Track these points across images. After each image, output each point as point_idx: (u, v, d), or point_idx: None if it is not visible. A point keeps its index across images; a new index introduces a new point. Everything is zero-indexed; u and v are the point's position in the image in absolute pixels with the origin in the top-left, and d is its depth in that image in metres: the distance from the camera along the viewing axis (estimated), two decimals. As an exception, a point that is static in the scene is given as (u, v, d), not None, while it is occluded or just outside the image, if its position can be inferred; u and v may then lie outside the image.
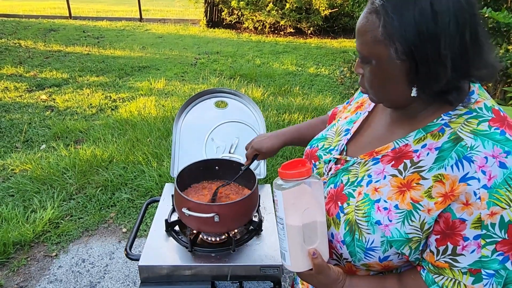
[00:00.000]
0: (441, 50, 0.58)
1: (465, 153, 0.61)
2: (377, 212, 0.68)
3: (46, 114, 4.10)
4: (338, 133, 0.88)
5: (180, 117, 1.57)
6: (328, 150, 0.86)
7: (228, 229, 1.15)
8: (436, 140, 0.66)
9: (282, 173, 0.71)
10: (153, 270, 1.10)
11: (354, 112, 0.89)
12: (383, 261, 0.69)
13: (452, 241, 0.62)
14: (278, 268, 1.11)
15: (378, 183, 0.70)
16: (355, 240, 0.70)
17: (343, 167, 0.79)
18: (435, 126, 0.67)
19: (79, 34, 8.33)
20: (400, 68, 0.62)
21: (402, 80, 0.63)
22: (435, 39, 0.57)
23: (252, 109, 1.61)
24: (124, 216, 2.59)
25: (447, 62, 0.58)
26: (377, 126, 0.80)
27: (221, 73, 5.85)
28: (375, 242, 0.67)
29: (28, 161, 3.09)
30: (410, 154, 0.68)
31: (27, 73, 5.39)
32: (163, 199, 1.43)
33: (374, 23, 0.61)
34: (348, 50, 7.82)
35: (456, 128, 0.64)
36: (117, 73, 5.67)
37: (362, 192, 0.71)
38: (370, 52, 0.64)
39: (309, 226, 0.70)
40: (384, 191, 0.68)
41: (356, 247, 0.70)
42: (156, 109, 4.23)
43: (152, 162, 3.09)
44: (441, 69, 0.59)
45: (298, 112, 4.23)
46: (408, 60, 0.60)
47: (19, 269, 2.12)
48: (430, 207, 0.62)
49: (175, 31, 9.47)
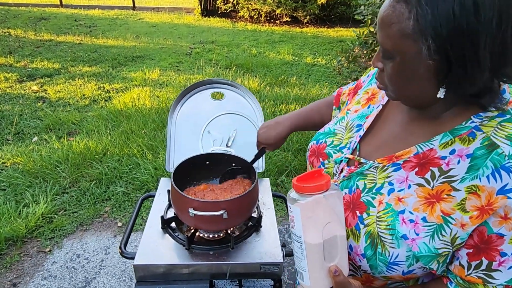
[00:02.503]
0: (480, 49, 0.51)
1: (503, 163, 0.55)
2: (402, 225, 0.62)
3: (38, 106, 4.00)
4: (349, 129, 0.81)
5: (175, 109, 1.51)
6: (339, 147, 0.80)
7: (233, 225, 1.11)
8: (466, 146, 0.59)
9: (299, 186, 0.64)
10: (149, 269, 1.06)
11: (365, 105, 0.82)
12: (406, 274, 0.65)
13: (488, 257, 0.58)
14: (279, 266, 1.07)
15: (402, 192, 0.64)
16: (377, 254, 0.65)
17: (357, 171, 0.73)
18: (464, 129, 0.61)
19: (71, 23, 8.13)
20: (430, 67, 0.55)
21: (430, 80, 0.57)
22: (475, 37, 0.50)
23: (249, 100, 1.55)
24: (119, 210, 2.55)
25: (485, 63, 0.52)
26: (393, 124, 0.74)
27: (216, 63, 5.75)
28: (400, 256, 0.62)
29: (19, 154, 3.01)
30: (437, 161, 0.62)
31: (18, 63, 5.25)
32: (159, 194, 1.38)
33: (403, 14, 0.54)
34: (345, 40, 7.73)
35: (489, 132, 0.58)
36: (110, 63, 5.55)
37: (384, 201, 0.65)
38: (395, 46, 0.57)
39: (330, 242, 0.65)
40: (409, 201, 0.63)
41: (378, 261, 0.65)
42: (150, 100, 4.15)
43: (147, 155, 3.03)
44: (478, 71, 0.53)
45: (295, 102, 4.17)
46: (441, 60, 0.53)
47: (12, 265, 2.07)
48: (465, 222, 0.57)
49: (169, 20, 9.29)
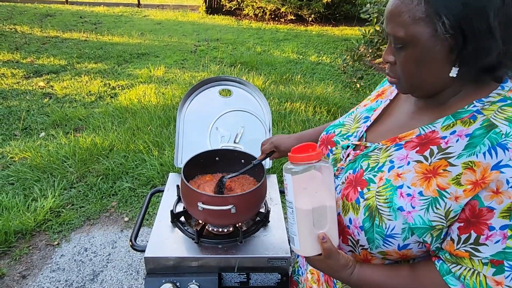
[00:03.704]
0: (490, 20, 0.55)
1: (500, 140, 0.57)
2: (400, 198, 0.65)
3: (45, 102, 4.04)
4: (356, 120, 0.86)
5: (183, 106, 1.54)
6: (346, 136, 0.84)
7: (242, 220, 1.13)
8: (466, 127, 0.63)
9: (292, 156, 0.70)
10: (159, 261, 1.08)
11: (374, 100, 0.87)
12: (401, 250, 0.67)
13: (476, 230, 0.59)
14: (286, 260, 1.09)
15: (401, 168, 0.67)
16: (374, 226, 0.68)
17: (362, 153, 0.77)
18: (466, 112, 0.64)
19: (76, 20, 8.18)
20: (442, 45, 0.59)
21: (443, 60, 0.60)
22: (483, 10, 0.54)
23: (257, 98, 1.57)
24: (126, 205, 2.58)
25: (496, 33, 0.56)
26: (399, 114, 0.78)
27: (221, 60, 5.76)
28: (396, 228, 0.65)
29: (27, 149, 3.05)
30: (438, 140, 0.65)
31: (24, 59, 5.29)
32: (168, 189, 1.40)
33: (412, 1, 0.58)
34: (350, 38, 7.71)
35: (490, 115, 0.61)
36: (116, 60, 5.58)
37: (384, 177, 0.69)
38: (408, 33, 0.60)
39: (319, 210, 0.69)
40: (407, 177, 0.66)
41: (375, 233, 0.68)
42: (156, 97, 4.18)
43: (153, 151, 3.06)
44: (492, 42, 0.56)
45: (300, 100, 4.18)
46: (456, 35, 0.57)
47: (21, 257, 2.11)
48: (458, 194, 0.60)
49: (174, 18, 9.31)
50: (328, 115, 3.93)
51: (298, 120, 3.70)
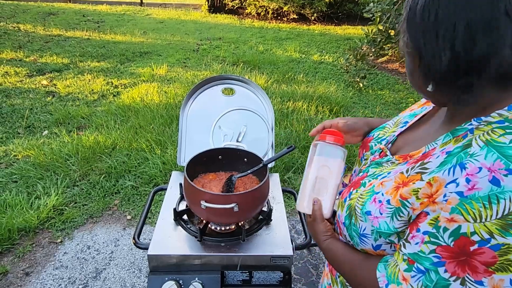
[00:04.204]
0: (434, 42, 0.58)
1: (463, 160, 0.57)
2: (371, 203, 0.69)
3: (48, 100, 4.06)
4: (396, 125, 0.87)
5: (186, 104, 1.54)
6: (381, 139, 0.86)
7: (244, 218, 1.13)
8: (454, 145, 0.62)
9: (322, 135, 0.87)
10: (162, 259, 1.09)
11: (421, 106, 0.87)
12: (376, 250, 0.71)
13: (411, 228, 0.63)
14: (289, 259, 1.09)
15: (387, 177, 0.71)
16: (351, 224, 0.74)
17: (377, 160, 0.80)
18: (462, 130, 0.63)
19: (79, 18, 8.19)
20: (412, 60, 0.65)
21: (418, 74, 0.65)
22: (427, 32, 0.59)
23: (260, 97, 1.57)
24: (128, 203, 2.59)
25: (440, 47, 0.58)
26: (431, 124, 0.78)
27: (223, 59, 5.77)
28: (367, 230, 0.70)
29: (30, 147, 3.07)
30: (430, 157, 0.65)
31: (27, 57, 5.31)
32: (171, 187, 1.41)
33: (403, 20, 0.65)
34: (353, 37, 7.70)
35: (476, 135, 0.59)
36: (118, 59, 5.59)
37: (373, 184, 0.73)
38: (400, 44, 0.68)
39: (321, 181, 0.83)
40: (387, 185, 0.69)
41: (353, 231, 0.74)
42: (158, 95, 4.18)
43: (155, 149, 3.07)
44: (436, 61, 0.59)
45: (303, 100, 4.18)
46: (413, 52, 0.63)
47: (24, 255, 2.12)
48: (415, 206, 0.62)
49: (177, 16, 9.31)
50: (331, 115, 3.92)
51: (301, 119, 3.70)
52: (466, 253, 0.54)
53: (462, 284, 0.55)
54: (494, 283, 0.53)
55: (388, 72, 5.84)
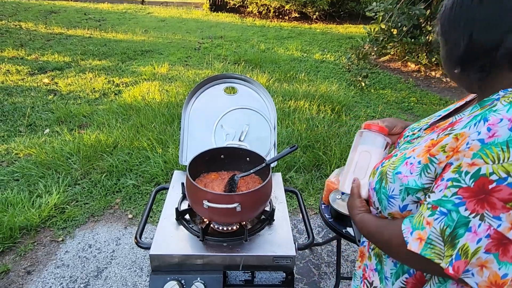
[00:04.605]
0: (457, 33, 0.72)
1: (487, 115, 0.63)
2: (403, 166, 0.75)
3: (49, 98, 4.05)
4: (430, 117, 0.95)
5: (188, 103, 1.53)
6: (414, 129, 0.94)
7: (247, 218, 1.13)
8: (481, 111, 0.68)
9: (367, 125, 0.97)
10: (164, 259, 1.08)
11: (464, 99, 0.93)
12: (403, 211, 0.75)
13: (436, 181, 0.68)
14: (291, 259, 1.09)
15: (418, 145, 0.77)
16: (381, 188, 0.79)
17: (408, 140, 0.90)
18: (489, 101, 0.69)
19: (80, 17, 8.19)
20: (444, 46, 0.77)
21: (448, 58, 0.76)
22: (457, 24, 0.71)
23: (262, 96, 1.56)
24: (130, 202, 2.58)
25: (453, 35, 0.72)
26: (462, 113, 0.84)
27: (225, 58, 5.75)
28: (395, 190, 0.75)
29: (32, 145, 3.06)
30: (458, 124, 0.71)
31: (29, 56, 5.31)
32: (172, 187, 1.40)
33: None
34: (355, 36, 7.68)
35: (503, 100, 0.65)
36: (120, 57, 5.58)
37: (404, 152, 0.80)
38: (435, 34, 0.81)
39: (362, 164, 0.92)
40: (418, 150, 0.74)
41: (382, 194, 0.79)
42: (160, 94, 4.18)
43: (157, 148, 3.06)
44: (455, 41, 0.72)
45: (304, 99, 4.17)
46: (443, 39, 0.76)
47: (26, 253, 2.12)
48: (442, 160, 0.67)
49: (178, 15, 9.30)
50: (332, 114, 3.91)
51: (302, 118, 3.69)
52: (485, 191, 0.59)
53: (481, 220, 0.59)
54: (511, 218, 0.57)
55: (390, 71, 5.81)
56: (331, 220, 1.58)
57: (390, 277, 0.82)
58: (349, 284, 2.01)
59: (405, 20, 4.54)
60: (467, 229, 0.60)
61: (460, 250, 0.61)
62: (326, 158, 3.03)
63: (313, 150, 3.15)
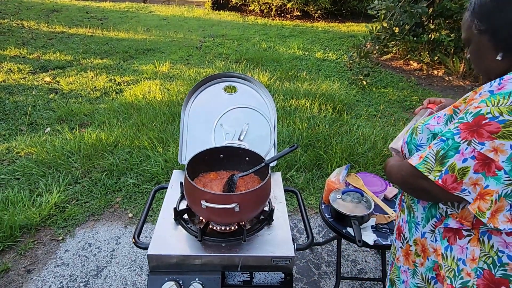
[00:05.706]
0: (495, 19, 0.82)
1: (504, 77, 0.78)
2: (432, 120, 0.90)
3: (50, 97, 4.05)
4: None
5: (188, 102, 1.52)
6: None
7: (245, 218, 1.12)
8: None
9: (430, 105, 1.14)
10: (162, 259, 1.08)
11: None
12: None
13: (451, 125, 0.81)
14: (290, 259, 1.08)
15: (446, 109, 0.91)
16: (412, 139, 0.93)
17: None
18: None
19: (82, 15, 8.19)
20: (481, 39, 0.85)
21: (488, 48, 0.84)
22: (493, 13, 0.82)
23: (262, 95, 1.55)
24: (130, 201, 2.58)
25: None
26: None
27: (226, 56, 5.74)
28: (423, 139, 0.90)
29: (33, 144, 3.07)
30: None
31: (31, 54, 5.31)
32: (171, 186, 1.40)
33: (466, 11, 0.89)
34: (357, 35, 7.64)
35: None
36: (121, 56, 5.58)
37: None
38: (465, 35, 0.90)
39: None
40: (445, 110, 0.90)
41: (412, 144, 0.93)
42: (161, 93, 4.17)
43: (157, 147, 3.06)
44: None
45: (306, 97, 4.15)
46: (486, 30, 0.83)
47: (26, 252, 2.12)
48: (462, 108, 0.82)
49: (180, 13, 9.29)
50: (334, 112, 3.89)
51: (303, 117, 3.67)
52: (478, 125, 0.74)
53: (468, 145, 0.75)
54: (495, 145, 0.73)
55: (392, 69, 5.78)
56: (331, 220, 1.57)
57: (421, 221, 0.95)
58: (349, 284, 2.00)
59: (407, 18, 4.51)
60: (457, 151, 0.76)
61: (449, 167, 0.77)
62: (327, 157, 3.02)
63: (314, 149, 3.13)
